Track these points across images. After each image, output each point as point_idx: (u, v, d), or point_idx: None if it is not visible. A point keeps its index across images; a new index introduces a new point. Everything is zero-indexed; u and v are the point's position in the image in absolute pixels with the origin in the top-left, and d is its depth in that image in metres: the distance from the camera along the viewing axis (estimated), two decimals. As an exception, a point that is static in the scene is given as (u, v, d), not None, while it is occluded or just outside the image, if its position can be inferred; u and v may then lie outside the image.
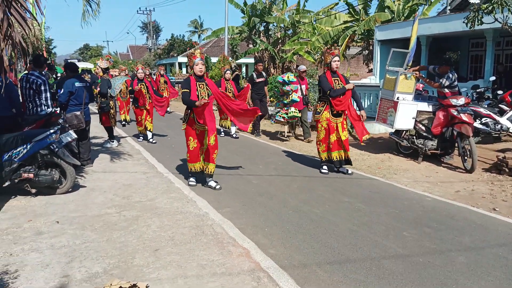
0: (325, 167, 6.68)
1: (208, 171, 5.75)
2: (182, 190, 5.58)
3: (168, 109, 15.60)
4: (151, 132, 9.62)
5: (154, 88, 9.73)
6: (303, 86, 9.86)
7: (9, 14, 4.03)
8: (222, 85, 9.86)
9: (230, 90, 9.94)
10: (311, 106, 10.76)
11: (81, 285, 3.09)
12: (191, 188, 5.70)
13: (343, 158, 6.53)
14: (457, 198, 5.42)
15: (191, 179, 5.92)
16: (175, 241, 3.90)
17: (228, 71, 10.28)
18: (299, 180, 6.27)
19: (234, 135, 10.33)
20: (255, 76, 10.45)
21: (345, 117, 6.50)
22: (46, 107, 6.10)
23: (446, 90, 7.26)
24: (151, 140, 9.52)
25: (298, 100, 9.48)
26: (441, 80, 7.20)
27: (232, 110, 5.94)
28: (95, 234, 4.07)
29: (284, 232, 4.21)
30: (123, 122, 12.16)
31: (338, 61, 6.41)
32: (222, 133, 10.41)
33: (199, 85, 5.56)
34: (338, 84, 6.37)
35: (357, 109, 6.72)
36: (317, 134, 6.68)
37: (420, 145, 7.38)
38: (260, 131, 10.89)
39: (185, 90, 5.54)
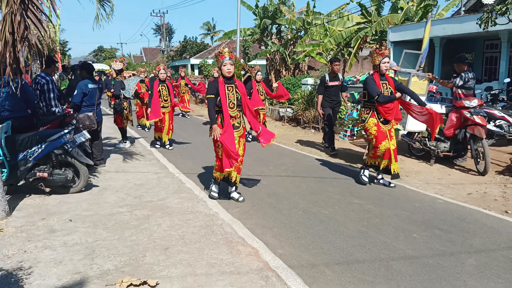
0: (366, 173, 6.04)
1: (232, 180, 5.24)
2: (193, 190, 5.64)
3: (187, 113, 15.35)
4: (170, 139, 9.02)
5: (175, 91, 9.30)
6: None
7: (25, 16, 4.15)
8: (253, 87, 9.20)
9: (262, 92, 9.34)
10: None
11: (93, 281, 3.15)
12: (201, 189, 5.74)
13: (394, 171, 5.89)
14: (469, 201, 5.37)
15: (213, 188, 5.34)
16: (185, 240, 3.95)
17: (259, 72, 9.48)
18: (308, 181, 6.28)
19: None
20: (327, 78, 8.34)
21: (393, 125, 5.91)
22: (50, 107, 6.20)
23: (459, 91, 7.19)
24: (167, 146, 8.90)
25: None
26: (455, 80, 7.13)
27: (252, 119, 5.23)
28: (107, 232, 4.14)
29: (293, 233, 4.23)
30: (144, 128, 11.98)
31: (388, 62, 5.75)
32: (250, 137, 9.73)
33: (227, 88, 4.96)
34: (387, 88, 5.75)
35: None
36: (368, 145, 6.14)
37: (432, 147, 7.32)
38: (330, 147, 8.58)
39: (211, 96, 4.94)
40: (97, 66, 27.40)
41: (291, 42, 19.43)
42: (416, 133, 7.72)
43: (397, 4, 15.06)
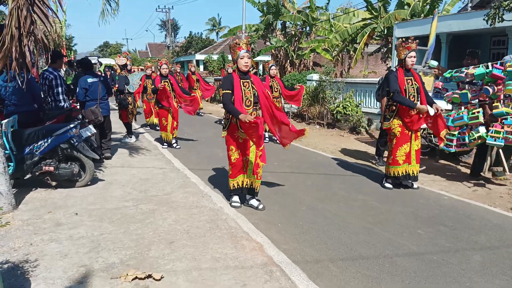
0: (389, 180, 5.72)
1: (250, 186, 4.83)
2: (198, 185, 5.65)
3: (199, 110, 14.75)
4: (175, 137, 8.68)
5: (181, 85, 8.86)
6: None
7: (32, 11, 4.16)
8: (267, 83, 8.39)
9: (277, 88, 8.59)
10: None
11: (98, 274, 3.17)
12: (206, 184, 5.76)
13: (413, 173, 5.51)
14: (474, 198, 5.35)
15: (234, 198, 4.91)
16: (190, 234, 3.96)
17: (273, 66, 8.74)
18: (313, 178, 6.27)
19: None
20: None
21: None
22: (58, 102, 6.24)
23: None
24: (174, 145, 8.56)
25: None
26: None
27: (275, 118, 4.71)
28: (112, 226, 4.17)
29: (297, 228, 4.24)
30: (147, 127, 11.43)
31: (414, 57, 5.32)
32: (267, 138, 9.15)
33: (243, 84, 4.54)
34: (412, 84, 5.35)
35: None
36: (387, 144, 5.82)
37: (438, 144, 7.27)
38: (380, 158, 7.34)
39: (227, 91, 4.48)
40: (105, 61, 27.24)
41: (296, 38, 19.37)
42: (422, 130, 7.67)
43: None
